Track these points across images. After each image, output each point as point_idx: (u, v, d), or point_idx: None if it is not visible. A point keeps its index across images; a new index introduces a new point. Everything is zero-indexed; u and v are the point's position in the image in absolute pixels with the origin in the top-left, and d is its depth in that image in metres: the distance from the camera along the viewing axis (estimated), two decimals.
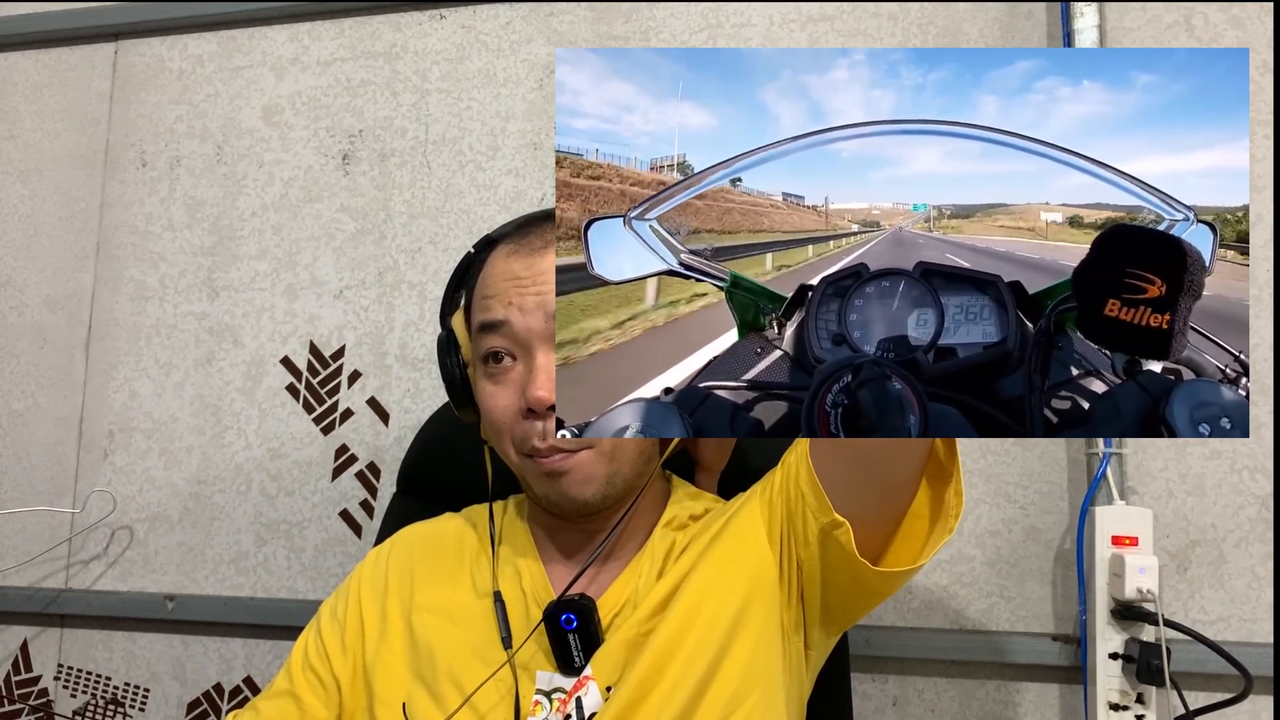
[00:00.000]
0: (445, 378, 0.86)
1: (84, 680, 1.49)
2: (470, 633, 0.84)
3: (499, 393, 0.81)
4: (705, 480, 1.00)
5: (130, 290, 1.54)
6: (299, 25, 1.54)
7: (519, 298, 0.79)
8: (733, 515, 0.85)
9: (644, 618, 0.80)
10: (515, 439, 0.81)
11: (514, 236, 0.85)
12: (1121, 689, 1.11)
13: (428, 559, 0.92)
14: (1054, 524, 1.23)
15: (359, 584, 0.92)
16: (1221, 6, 1.25)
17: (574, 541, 0.88)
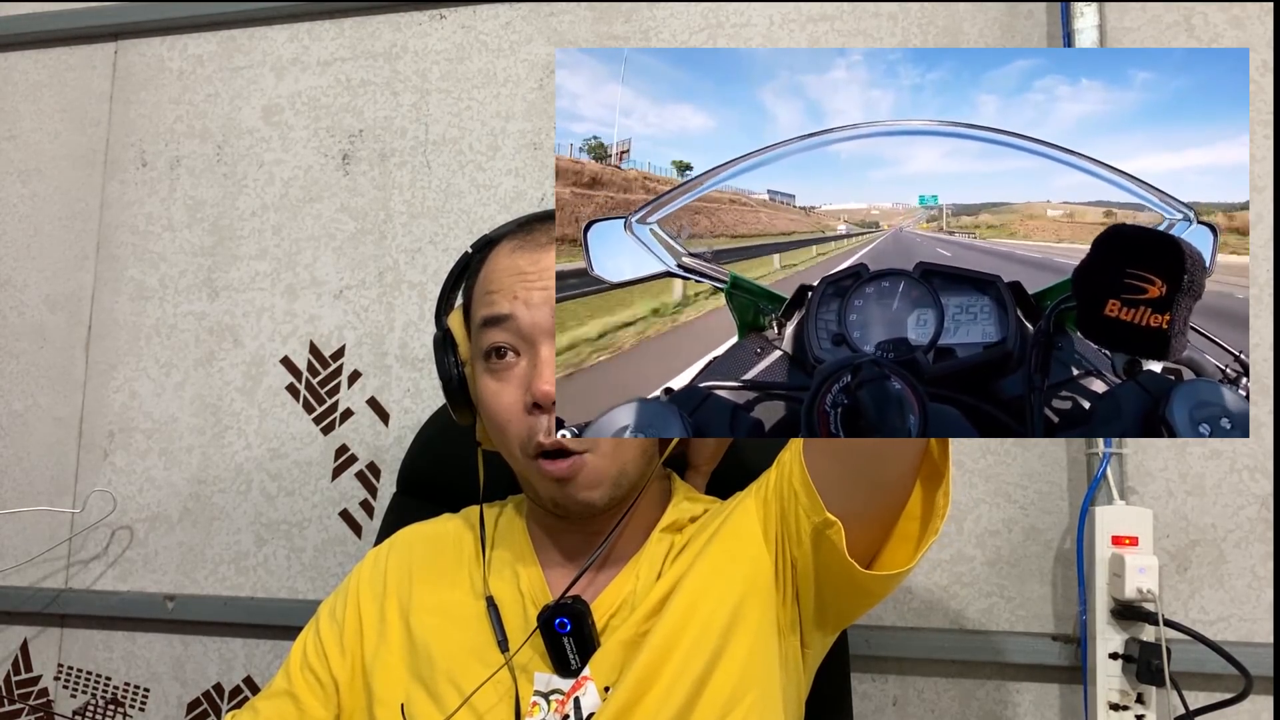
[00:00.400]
0: (443, 377, 0.85)
1: (84, 680, 1.49)
2: (468, 634, 0.84)
3: (502, 390, 0.80)
4: (695, 480, 1.00)
5: (130, 290, 1.54)
6: (299, 25, 1.54)
7: (525, 292, 0.78)
8: (729, 515, 0.85)
9: (641, 618, 0.80)
10: (520, 436, 0.80)
11: (517, 233, 0.84)
12: (1121, 689, 1.11)
13: (426, 560, 0.92)
14: (1054, 524, 1.23)
15: (358, 585, 0.92)
16: (1221, 6, 1.25)
17: (574, 543, 0.87)
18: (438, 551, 0.93)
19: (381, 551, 0.95)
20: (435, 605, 0.87)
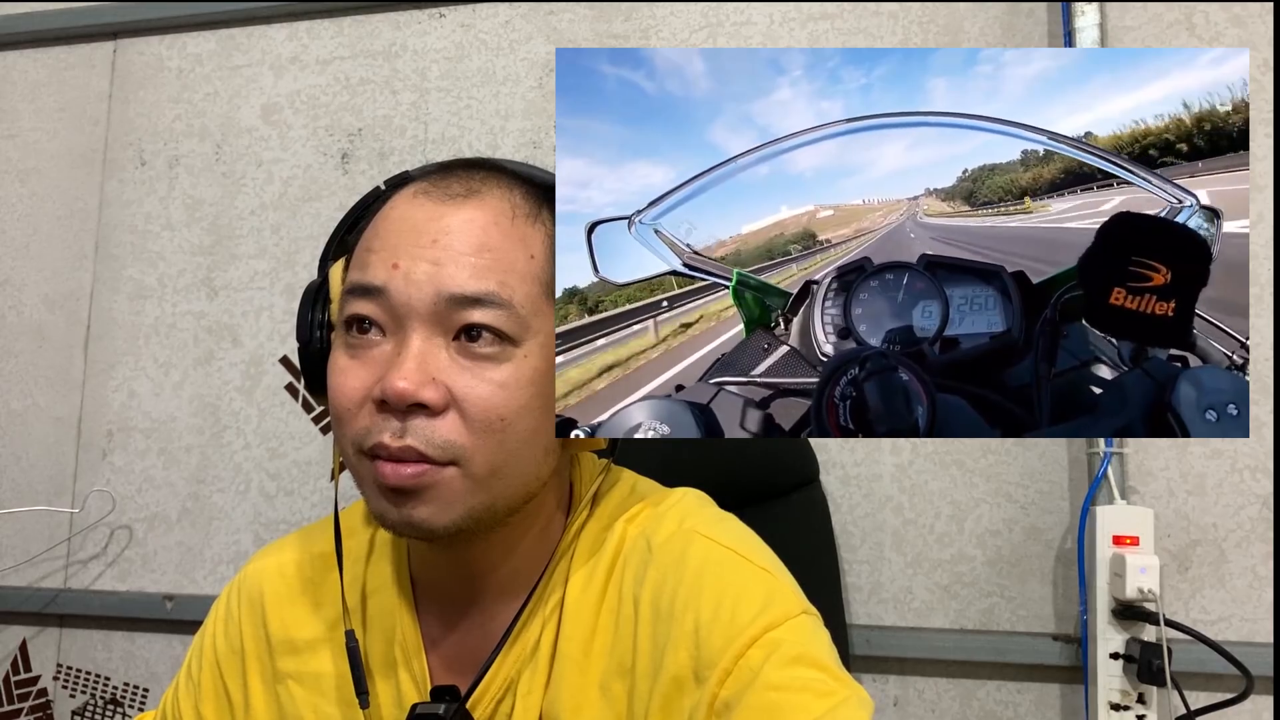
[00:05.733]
0: (299, 338, 0.67)
1: (83, 680, 1.48)
2: (339, 707, 0.72)
3: (352, 369, 0.62)
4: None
5: (129, 289, 1.54)
6: (298, 24, 1.53)
7: (409, 261, 0.61)
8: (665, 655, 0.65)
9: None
10: (356, 431, 0.62)
11: (430, 176, 0.66)
12: (1122, 689, 1.11)
13: (280, 610, 0.76)
14: (1055, 523, 1.23)
15: (214, 644, 0.78)
16: (1222, 5, 1.25)
17: (452, 584, 0.71)
18: (291, 596, 0.76)
19: (233, 598, 0.79)
20: (298, 671, 0.74)
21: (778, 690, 0.58)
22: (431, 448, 0.60)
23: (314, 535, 0.79)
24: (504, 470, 0.62)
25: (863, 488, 1.28)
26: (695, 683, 0.62)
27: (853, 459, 1.29)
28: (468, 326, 0.60)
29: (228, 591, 0.80)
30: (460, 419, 0.60)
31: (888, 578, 1.26)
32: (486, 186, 0.65)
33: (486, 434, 0.61)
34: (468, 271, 0.61)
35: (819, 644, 0.63)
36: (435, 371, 0.60)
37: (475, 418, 0.60)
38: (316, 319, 0.67)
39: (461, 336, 0.61)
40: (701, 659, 0.62)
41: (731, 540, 0.68)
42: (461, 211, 0.63)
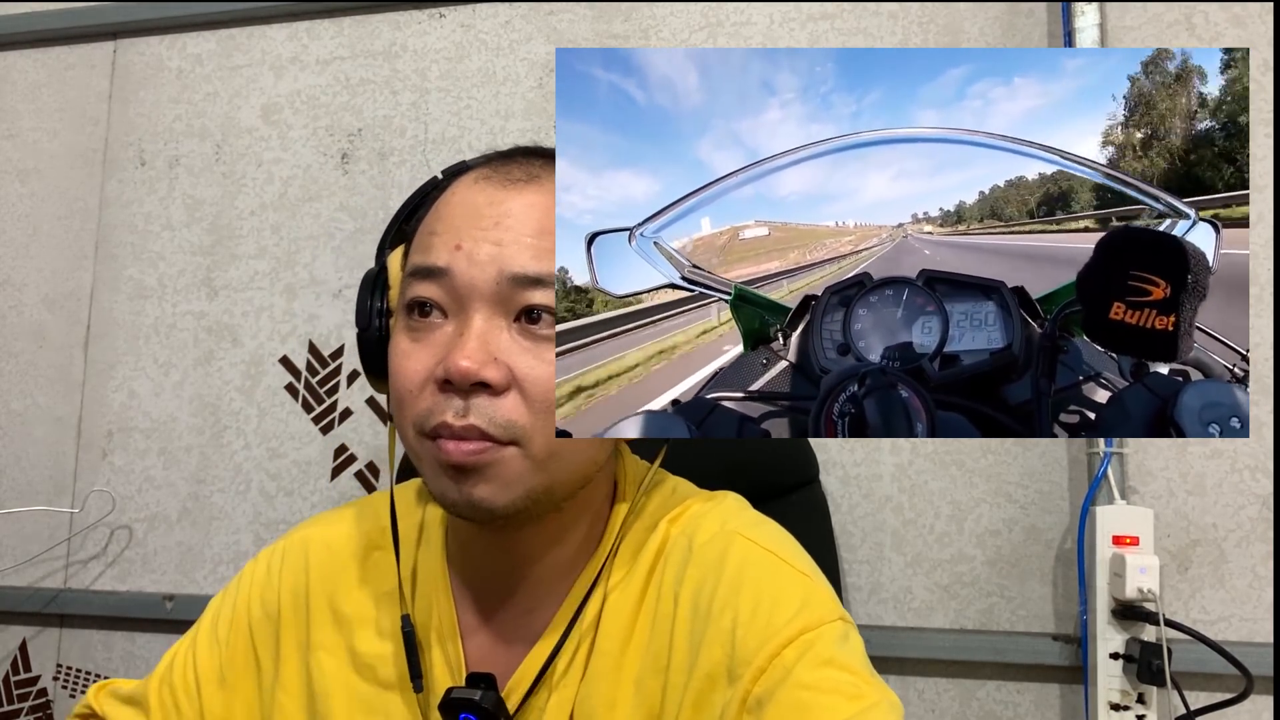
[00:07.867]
0: (359, 324, 0.68)
1: (83, 680, 1.48)
2: (373, 686, 0.72)
3: (414, 352, 0.63)
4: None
5: (129, 289, 1.54)
6: (298, 24, 1.53)
7: (472, 242, 0.62)
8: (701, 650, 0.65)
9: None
10: (418, 413, 0.62)
11: (491, 162, 0.68)
12: (1122, 689, 1.11)
13: (323, 579, 0.76)
14: (1055, 523, 1.23)
15: (248, 603, 0.77)
16: (1222, 5, 1.25)
17: (492, 568, 0.71)
18: (338, 568, 0.76)
19: (275, 562, 0.79)
20: (335, 644, 0.73)
21: (809, 690, 0.59)
22: (494, 426, 0.60)
23: (366, 512, 0.80)
24: (562, 452, 0.63)
25: (863, 488, 1.28)
26: (728, 680, 0.62)
27: (853, 459, 1.29)
28: (528, 308, 0.61)
29: (268, 554, 0.80)
30: (521, 399, 0.61)
31: (887, 578, 1.26)
32: (546, 173, 0.66)
33: (547, 414, 0.61)
34: (530, 253, 0.62)
35: (852, 649, 0.64)
36: (497, 351, 0.61)
37: (536, 398, 0.61)
38: (375, 306, 0.68)
39: (522, 318, 0.62)
40: (736, 657, 0.62)
41: (772, 543, 0.69)
42: (523, 196, 0.64)
